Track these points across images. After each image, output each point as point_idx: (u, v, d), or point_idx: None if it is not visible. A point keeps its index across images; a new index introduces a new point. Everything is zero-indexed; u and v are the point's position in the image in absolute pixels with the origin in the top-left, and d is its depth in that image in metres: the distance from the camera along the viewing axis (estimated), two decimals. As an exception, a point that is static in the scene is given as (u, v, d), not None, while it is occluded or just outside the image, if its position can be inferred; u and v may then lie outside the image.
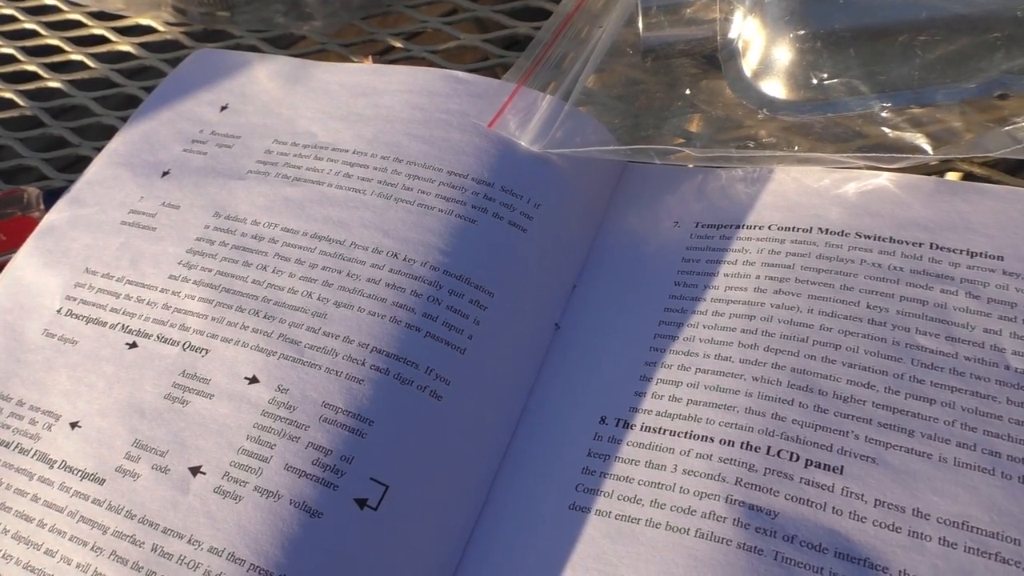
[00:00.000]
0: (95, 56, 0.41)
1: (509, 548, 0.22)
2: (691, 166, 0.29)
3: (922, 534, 0.20)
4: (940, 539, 0.20)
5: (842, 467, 0.21)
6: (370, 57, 0.37)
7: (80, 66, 0.41)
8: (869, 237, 0.26)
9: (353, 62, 0.36)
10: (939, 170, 0.28)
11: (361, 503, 0.22)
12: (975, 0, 0.25)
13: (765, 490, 0.21)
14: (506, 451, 0.24)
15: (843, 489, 0.21)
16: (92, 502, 0.23)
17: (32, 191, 0.33)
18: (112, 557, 0.22)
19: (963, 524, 0.20)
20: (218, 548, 0.21)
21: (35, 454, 0.24)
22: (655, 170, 0.30)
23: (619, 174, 0.31)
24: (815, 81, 0.27)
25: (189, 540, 0.22)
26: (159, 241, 0.29)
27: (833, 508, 0.21)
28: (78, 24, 0.43)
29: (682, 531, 0.21)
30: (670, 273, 0.27)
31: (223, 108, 0.33)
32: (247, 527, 0.21)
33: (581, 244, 0.29)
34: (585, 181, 0.29)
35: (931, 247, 0.25)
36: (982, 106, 0.27)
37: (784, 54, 0.28)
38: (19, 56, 0.42)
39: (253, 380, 0.24)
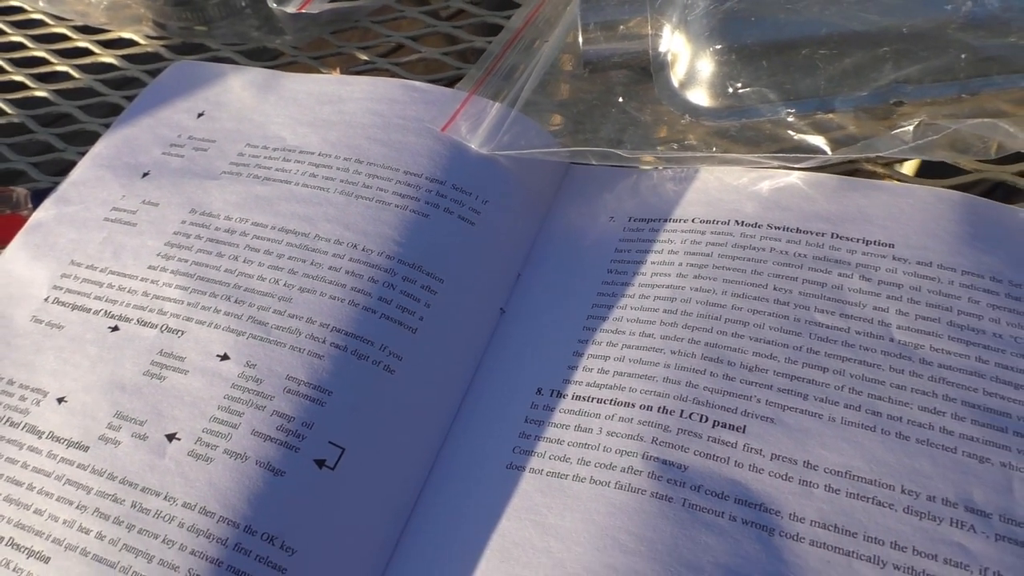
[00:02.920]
0: (80, 67, 0.44)
1: (454, 502, 0.25)
2: (646, 168, 0.32)
3: (810, 482, 0.23)
4: (826, 486, 0.23)
5: (744, 426, 0.24)
6: (338, 69, 0.40)
7: (65, 76, 0.43)
8: (778, 228, 0.29)
9: (322, 73, 0.39)
10: (847, 169, 0.32)
11: (320, 463, 0.25)
12: (868, 18, 0.28)
13: (677, 447, 0.24)
14: (453, 419, 0.27)
15: (744, 445, 0.24)
16: (77, 467, 0.25)
17: (21, 191, 0.35)
18: (95, 513, 0.24)
19: (846, 473, 0.23)
20: (191, 503, 0.24)
21: (24, 426, 0.27)
22: (595, 171, 0.33)
23: (562, 174, 0.34)
24: (731, 90, 0.30)
25: (165, 497, 0.24)
26: (139, 235, 0.31)
27: (735, 462, 0.24)
28: (63, 37, 0.45)
29: (604, 484, 0.24)
30: (604, 262, 0.30)
31: (199, 115, 0.36)
32: (217, 485, 0.24)
33: (526, 236, 0.31)
34: (529, 180, 0.32)
35: (832, 236, 0.28)
36: (878, 112, 0.30)
37: (705, 66, 0.31)
38: (7, 67, 0.44)
39: (224, 357, 0.27)
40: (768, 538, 0.22)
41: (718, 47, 0.30)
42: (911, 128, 0.28)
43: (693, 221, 0.30)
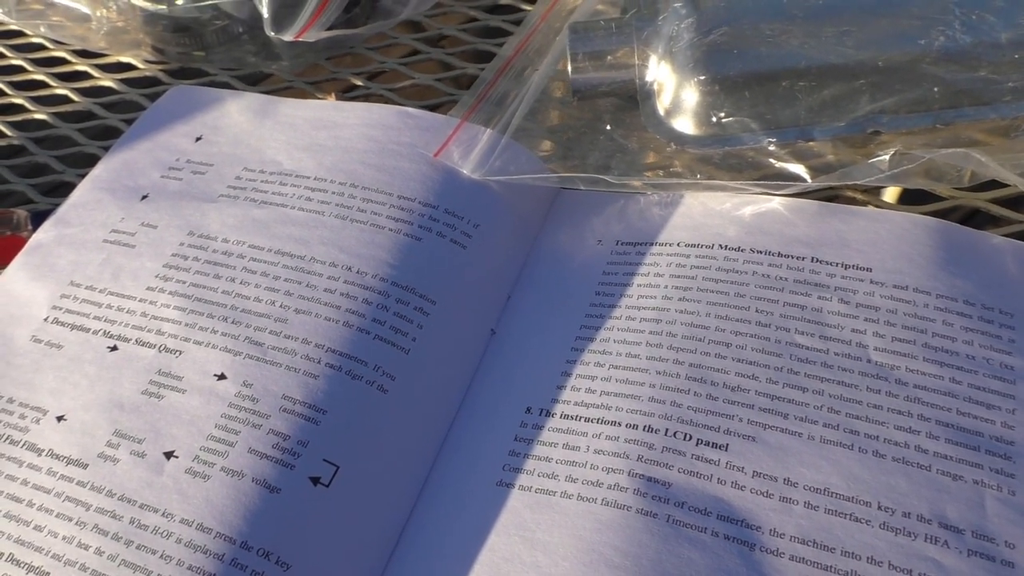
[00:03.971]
0: (78, 91, 0.44)
1: (445, 519, 0.26)
2: (634, 193, 0.33)
3: (790, 499, 0.24)
4: (805, 503, 0.24)
5: (727, 444, 0.25)
6: (333, 94, 0.41)
7: (64, 99, 0.44)
8: (760, 252, 0.30)
9: (318, 98, 0.40)
10: (827, 195, 0.33)
11: (315, 480, 0.25)
12: (845, 51, 0.30)
13: (662, 465, 0.25)
14: (445, 438, 0.28)
15: (727, 463, 0.25)
16: (76, 484, 0.26)
17: (21, 213, 0.36)
18: (94, 529, 0.25)
19: (825, 490, 0.24)
20: (188, 519, 0.24)
21: (24, 444, 0.27)
22: (583, 195, 0.34)
23: (552, 199, 0.35)
24: (715, 119, 0.31)
25: (163, 513, 0.25)
26: (138, 257, 0.32)
27: (718, 479, 0.24)
28: (63, 61, 0.46)
29: (591, 500, 0.24)
30: (592, 284, 0.31)
31: (198, 139, 0.37)
32: (214, 501, 0.25)
33: (516, 259, 0.32)
34: (520, 204, 0.33)
35: (812, 260, 0.29)
36: (856, 141, 0.31)
37: (690, 96, 0.32)
38: (7, 90, 0.45)
39: (221, 377, 0.27)
40: (749, 553, 0.23)
41: (702, 78, 0.31)
42: (887, 157, 0.29)
43: (678, 245, 0.31)
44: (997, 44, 0.29)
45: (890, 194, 0.43)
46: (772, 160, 0.30)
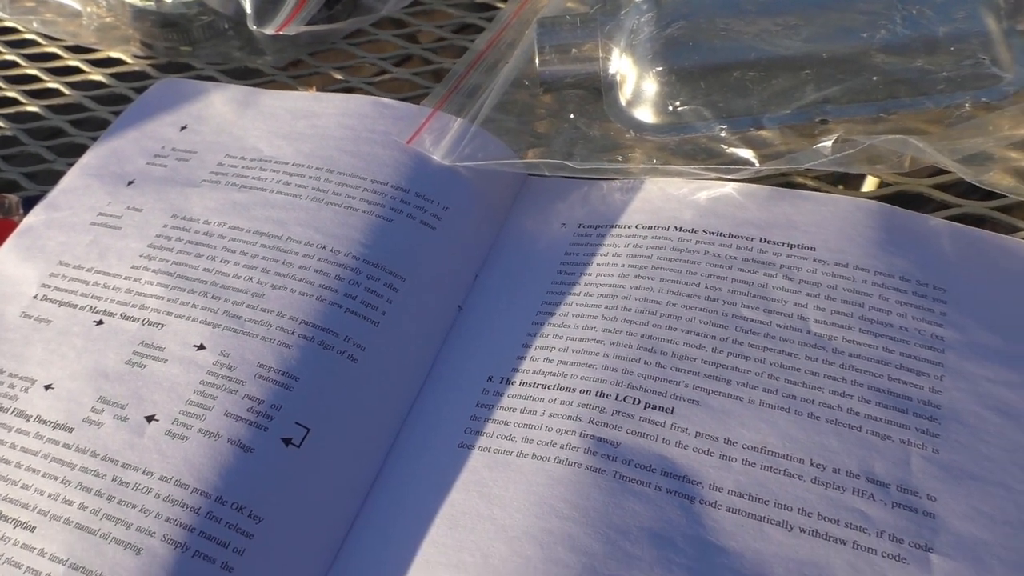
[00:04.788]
0: (70, 84, 0.46)
1: (409, 478, 0.27)
2: (597, 179, 0.35)
3: (730, 457, 0.26)
4: (743, 460, 0.26)
5: (673, 408, 0.27)
6: (314, 87, 0.42)
7: (57, 93, 0.46)
8: (713, 233, 0.32)
9: (299, 91, 0.42)
10: (781, 182, 0.34)
11: (287, 441, 0.27)
12: (793, 44, 0.31)
13: (611, 426, 0.27)
14: (412, 404, 0.29)
15: (672, 425, 0.26)
16: (62, 446, 0.27)
17: (12, 198, 0.37)
18: (78, 487, 0.26)
19: (762, 449, 0.26)
20: (167, 476, 0.26)
21: (13, 411, 0.29)
22: (549, 182, 0.36)
23: (520, 186, 0.36)
24: (671, 108, 0.33)
25: (143, 471, 0.26)
26: (123, 238, 0.34)
27: (663, 439, 0.26)
28: (55, 56, 0.48)
29: (544, 459, 0.26)
30: (554, 264, 0.33)
31: (183, 128, 0.38)
32: (191, 460, 0.26)
33: (484, 241, 0.34)
34: (488, 190, 0.35)
35: (760, 240, 0.31)
36: (805, 130, 0.33)
37: (649, 86, 0.34)
38: (1, 84, 0.46)
39: (200, 347, 0.29)
40: (689, 505, 0.25)
41: (660, 69, 0.33)
42: (830, 143, 0.31)
43: (636, 227, 0.33)
44: (934, 37, 0.31)
45: (836, 180, 0.45)
46: (724, 146, 0.32)
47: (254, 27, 0.40)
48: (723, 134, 0.32)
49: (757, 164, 0.31)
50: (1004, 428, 0.26)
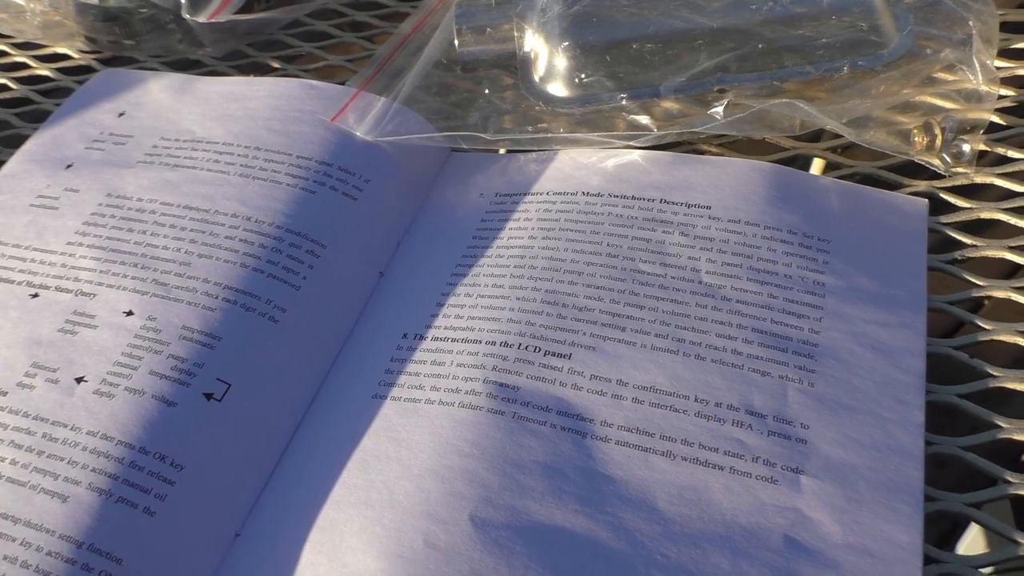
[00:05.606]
0: (17, 79, 0.47)
1: (325, 428, 0.29)
2: (502, 151, 0.37)
3: (621, 396, 0.27)
4: (633, 399, 0.27)
5: (570, 354, 0.29)
6: (252, 76, 0.44)
7: (3, 88, 0.47)
8: (616, 196, 0.34)
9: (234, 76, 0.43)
10: (687, 150, 0.36)
11: (208, 396, 0.28)
12: (686, 16, 0.33)
13: (512, 373, 0.28)
14: (332, 362, 0.31)
15: (569, 369, 0.28)
16: (-4, 409, 0.29)
17: (-45, 185, 0.39)
18: (10, 444, 0.28)
19: (651, 388, 0.28)
20: (94, 431, 0.27)
21: (-49, 379, 0.30)
22: (471, 157, 0.38)
23: (443, 161, 0.38)
24: (577, 81, 0.35)
25: (71, 428, 0.28)
26: (60, 217, 0.35)
27: (560, 382, 0.28)
28: (2, 53, 0.49)
29: (449, 404, 0.28)
30: (470, 230, 0.34)
31: (120, 114, 0.40)
32: (117, 415, 0.28)
33: (407, 212, 0.36)
34: (410, 164, 0.37)
35: (660, 201, 0.33)
36: (702, 98, 0.35)
37: (558, 61, 0.36)
38: (-52, 80, 0.48)
39: (129, 313, 0.31)
40: (581, 440, 0.27)
41: (567, 44, 0.35)
42: (722, 108, 0.33)
43: (547, 194, 0.35)
44: (819, 7, 0.33)
45: (738, 146, 0.47)
46: (626, 115, 0.34)
47: (188, 15, 0.41)
48: (625, 103, 0.34)
49: (655, 130, 0.33)
50: (876, 363, 0.28)
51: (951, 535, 0.58)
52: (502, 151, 0.37)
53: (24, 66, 0.48)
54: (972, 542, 0.55)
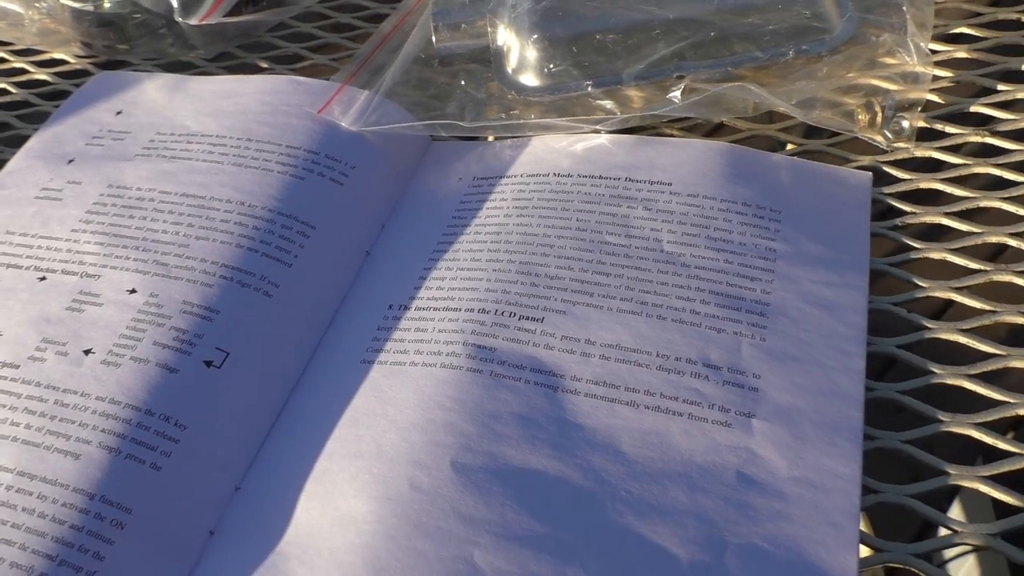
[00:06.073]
0: (17, 84, 0.50)
1: (318, 390, 0.31)
2: (490, 138, 0.39)
3: (589, 353, 0.30)
4: (600, 355, 0.30)
5: (543, 318, 0.31)
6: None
7: (4, 92, 0.49)
8: (585, 176, 0.36)
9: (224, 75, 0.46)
10: (652, 134, 0.39)
11: (208, 363, 0.31)
12: (644, 8, 0.36)
13: (490, 335, 0.31)
14: (324, 332, 0.33)
15: (541, 331, 0.31)
16: (9, 380, 0.31)
17: (-38, 181, 0.41)
18: (24, 411, 0.30)
19: (616, 345, 0.30)
20: (102, 396, 0.30)
21: (-34, 357, 0.32)
22: (451, 145, 0.40)
23: (424, 149, 0.41)
24: (546, 71, 0.37)
25: (81, 394, 0.30)
26: (64, 207, 0.37)
27: (533, 343, 0.30)
28: (2, 60, 0.52)
29: (432, 365, 0.30)
30: (450, 211, 0.37)
31: (118, 113, 0.42)
32: (123, 382, 0.30)
33: (391, 196, 0.38)
34: (394, 152, 0.39)
35: (625, 180, 0.36)
36: (663, 84, 0.37)
37: (529, 53, 0.38)
38: (-50, 86, 0.50)
39: (132, 291, 0.33)
40: (553, 393, 0.29)
41: (535, 37, 0.38)
42: (679, 93, 0.35)
43: (521, 176, 0.37)
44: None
45: (699, 130, 0.50)
46: (591, 100, 0.37)
47: (180, 19, 0.44)
48: (591, 90, 0.37)
49: (618, 114, 0.36)
50: (822, 318, 0.31)
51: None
52: (490, 138, 0.40)
53: (23, 71, 0.51)
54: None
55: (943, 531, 0.27)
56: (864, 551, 0.26)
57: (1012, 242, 0.33)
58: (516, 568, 0.25)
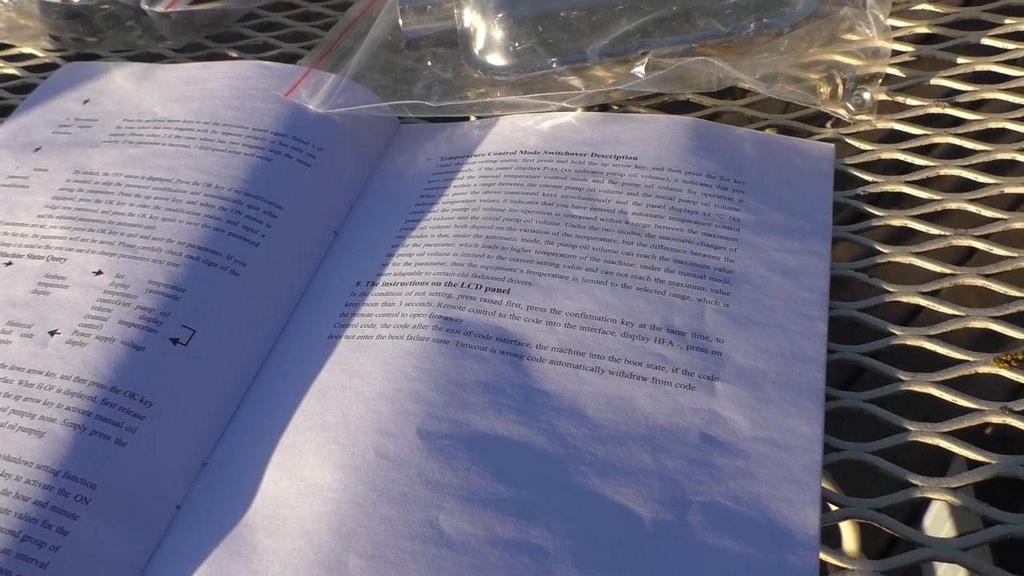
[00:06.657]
0: (-16, 78, 0.49)
1: (286, 365, 0.31)
2: (474, 118, 0.40)
3: (555, 323, 0.30)
4: (565, 324, 0.30)
5: (509, 289, 0.31)
6: (211, 64, 0.46)
7: (-28, 86, 0.49)
8: (552, 153, 0.36)
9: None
10: (621, 111, 0.39)
11: (174, 341, 0.31)
12: (607, -14, 0.36)
13: (456, 307, 0.31)
14: (293, 309, 0.33)
15: (507, 302, 0.31)
16: (-25, 363, 0.31)
17: (-72, 171, 0.41)
18: (-11, 392, 0.30)
19: (581, 314, 0.30)
20: (67, 375, 0.30)
21: (-69, 341, 0.32)
22: (419, 127, 0.40)
23: (393, 131, 0.41)
24: (512, 49, 0.38)
25: (46, 374, 0.30)
26: (30, 194, 0.37)
27: (499, 314, 0.31)
28: (-30, 54, 0.51)
29: (399, 337, 0.30)
30: (418, 190, 0.37)
31: (85, 102, 0.42)
32: (89, 360, 0.30)
33: (359, 176, 0.38)
34: (361, 133, 0.39)
35: (591, 155, 0.36)
36: (628, 61, 0.38)
37: (496, 33, 0.38)
38: (-82, 80, 0.50)
39: (98, 272, 0.33)
40: (519, 361, 0.29)
41: (501, 16, 0.38)
42: (643, 68, 0.36)
43: (489, 154, 0.37)
44: (729, -26, 0.37)
45: (664, 108, 0.50)
46: (556, 77, 0.37)
47: (146, 6, 0.44)
48: (556, 67, 0.37)
49: (583, 89, 0.36)
50: (784, 284, 0.31)
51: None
52: (461, 121, 0.40)
53: (-8, 66, 0.50)
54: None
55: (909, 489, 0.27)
56: (830, 509, 0.26)
57: (979, 245, 0.32)
58: (481, 530, 0.25)
